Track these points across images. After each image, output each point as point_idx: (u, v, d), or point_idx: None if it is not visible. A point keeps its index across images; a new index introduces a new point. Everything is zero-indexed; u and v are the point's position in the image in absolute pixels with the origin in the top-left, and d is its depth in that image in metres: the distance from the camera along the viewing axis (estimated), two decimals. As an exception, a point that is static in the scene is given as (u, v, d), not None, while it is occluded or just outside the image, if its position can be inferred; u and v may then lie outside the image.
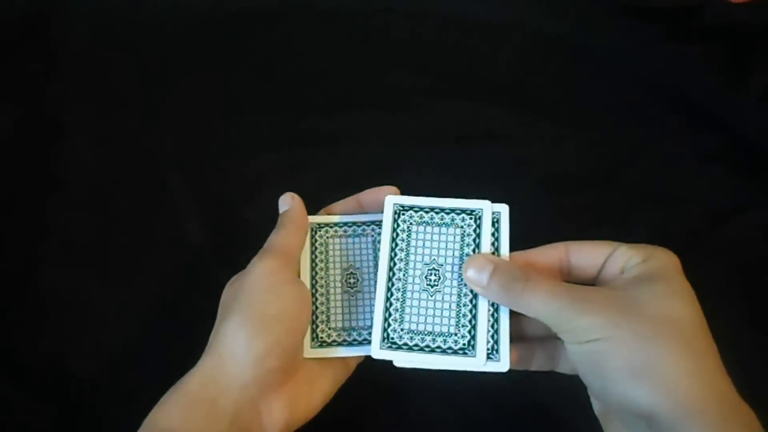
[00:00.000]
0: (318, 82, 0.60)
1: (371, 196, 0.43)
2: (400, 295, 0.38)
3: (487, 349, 0.37)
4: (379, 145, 0.57)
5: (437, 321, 0.38)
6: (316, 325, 0.40)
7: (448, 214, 0.40)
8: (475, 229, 0.39)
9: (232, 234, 0.52)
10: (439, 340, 0.37)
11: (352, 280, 0.42)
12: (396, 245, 0.39)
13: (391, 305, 0.38)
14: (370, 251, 0.43)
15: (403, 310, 0.38)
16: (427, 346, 0.37)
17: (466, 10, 0.63)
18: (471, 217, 0.39)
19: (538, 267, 0.37)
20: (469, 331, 0.37)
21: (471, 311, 0.38)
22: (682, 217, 0.53)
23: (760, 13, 0.60)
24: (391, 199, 0.40)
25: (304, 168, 0.55)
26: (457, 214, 0.40)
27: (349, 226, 0.43)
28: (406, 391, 0.46)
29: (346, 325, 0.40)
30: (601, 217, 0.53)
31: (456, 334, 0.37)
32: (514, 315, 0.37)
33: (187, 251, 0.52)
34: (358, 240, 0.43)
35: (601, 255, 0.36)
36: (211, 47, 0.61)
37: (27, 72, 0.59)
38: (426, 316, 0.38)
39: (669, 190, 0.55)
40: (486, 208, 0.40)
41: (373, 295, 0.41)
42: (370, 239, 0.43)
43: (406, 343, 0.37)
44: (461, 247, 0.39)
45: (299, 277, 0.41)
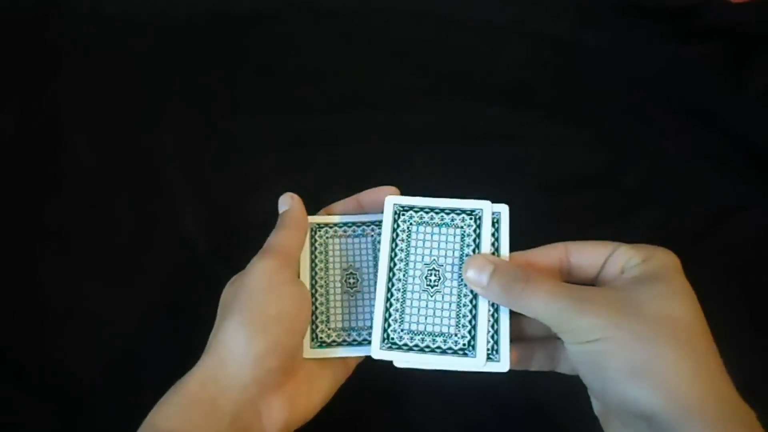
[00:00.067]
0: (318, 82, 0.60)
1: (371, 196, 0.43)
2: (400, 295, 0.38)
3: (487, 349, 0.37)
4: (379, 145, 0.57)
5: (437, 321, 0.38)
6: (316, 326, 0.40)
7: (448, 214, 0.40)
8: (475, 229, 0.39)
9: (232, 234, 0.52)
10: (439, 340, 0.37)
11: (351, 281, 0.42)
12: (396, 245, 0.39)
13: (391, 305, 0.38)
14: (370, 251, 0.42)
15: (403, 311, 0.38)
16: (427, 347, 0.37)
17: (466, 10, 0.63)
18: (471, 218, 0.39)
19: (538, 267, 0.37)
20: (469, 332, 0.37)
21: (471, 311, 0.37)
22: (682, 217, 0.53)
23: (760, 13, 0.60)
24: (391, 199, 0.40)
25: (304, 168, 0.55)
26: (457, 214, 0.40)
27: (349, 227, 0.43)
28: (406, 391, 0.46)
29: (346, 325, 0.40)
30: (601, 217, 0.53)
31: (456, 335, 0.37)
32: (514, 315, 0.37)
33: (187, 251, 0.52)
34: (357, 240, 0.43)
35: (601, 255, 0.36)
36: (211, 47, 0.61)
37: (27, 72, 0.59)
38: (426, 316, 0.38)
39: (669, 190, 0.55)
40: (486, 208, 0.39)
41: (372, 296, 0.41)
42: (370, 239, 0.43)
43: (406, 344, 0.37)
44: (461, 247, 0.39)
45: (299, 277, 0.41)
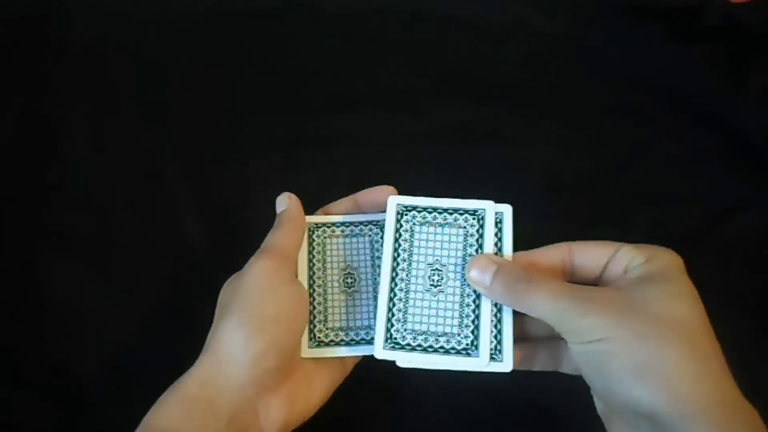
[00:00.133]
0: (318, 82, 0.60)
1: (368, 196, 0.43)
2: (403, 295, 0.38)
3: (490, 349, 0.37)
4: (379, 145, 0.57)
5: (440, 321, 0.37)
6: (314, 325, 0.40)
7: (450, 214, 0.40)
8: (478, 229, 0.39)
9: (232, 234, 0.52)
10: (442, 340, 0.37)
11: (349, 280, 0.42)
12: (399, 245, 0.39)
13: (394, 305, 0.38)
14: (368, 251, 0.42)
15: (406, 311, 0.38)
16: (430, 347, 0.37)
17: (466, 10, 0.63)
18: (474, 218, 0.39)
19: (541, 267, 0.37)
20: (472, 332, 0.37)
21: (474, 311, 0.37)
22: (682, 217, 0.53)
23: (760, 13, 0.60)
24: (394, 199, 0.40)
25: (304, 168, 0.55)
26: (460, 214, 0.39)
27: (347, 226, 0.43)
28: (405, 391, 0.46)
29: (344, 325, 0.40)
30: (601, 217, 0.53)
31: (459, 335, 0.37)
32: (517, 315, 0.37)
33: (187, 251, 0.52)
34: (355, 240, 0.43)
35: (604, 255, 0.36)
36: (211, 47, 0.61)
37: (27, 72, 0.59)
38: (429, 316, 0.38)
39: (669, 190, 0.55)
40: (489, 208, 0.39)
41: (370, 295, 0.41)
42: (368, 239, 0.43)
43: (409, 344, 0.37)
44: (464, 247, 0.39)
45: (297, 277, 0.41)
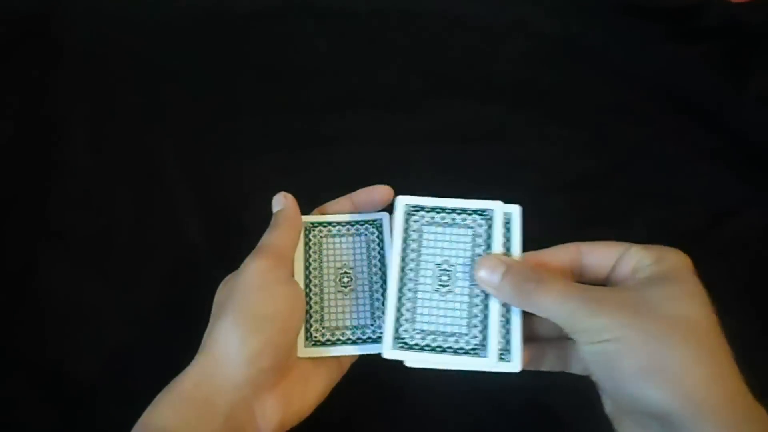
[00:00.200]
0: (318, 82, 0.60)
1: (364, 195, 0.43)
2: (411, 295, 0.38)
3: (499, 349, 0.37)
4: (379, 145, 0.57)
5: (449, 321, 0.37)
6: (310, 325, 0.40)
7: (459, 214, 0.40)
8: (486, 229, 0.39)
9: (232, 234, 0.52)
10: (451, 340, 0.37)
11: (345, 280, 0.42)
12: (407, 245, 0.39)
13: (402, 305, 0.38)
14: (364, 251, 0.43)
15: (415, 310, 0.38)
16: (438, 347, 0.37)
17: (466, 10, 0.63)
18: (482, 218, 0.39)
19: (549, 268, 0.37)
20: (481, 332, 0.37)
21: (482, 311, 0.37)
22: (682, 217, 0.53)
23: (760, 13, 0.60)
24: (402, 199, 0.40)
25: (304, 168, 0.55)
26: (468, 214, 0.39)
27: (343, 226, 0.43)
28: (405, 391, 0.46)
29: (340, 324, 0.40)
30: (601, 217, 0.53)
31: (467, 335, 0.37)
32: (525, 315, 0.37)
33: (186, 251, 0.52)
34: (351, 239, 0.43)
35: (612, 256, 0.36)
36: (211, 47, 0.61)
37: (27, 72, 0.59)
38: (438, 316, 0.38)
39: (669, 190, 0.55)
40: (497, 208, 0.39)
41: (366, 294, 0.41)
42: (364, 239, 0.43)
43: (417, 343, 0.37)
44: (472, 247, 0.39)
45: (293, 276, 0.41)
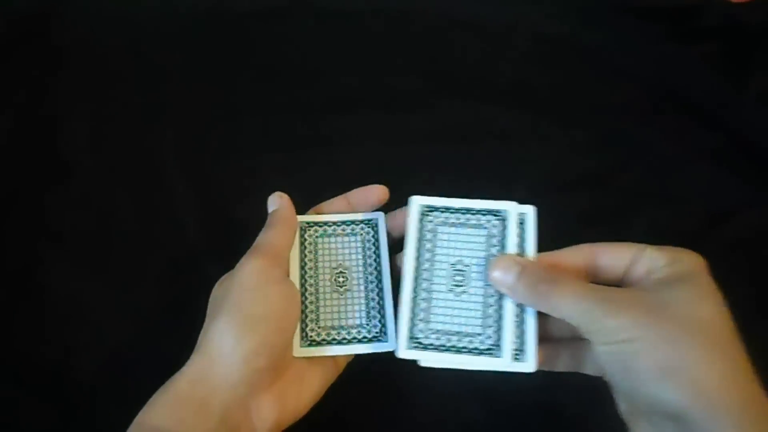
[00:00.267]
0: (318, 82, 0.60)
1: (360, 195, 0.43)
2: (426, 295, 0.38)
3: (514, 349, 0.37)
4: (379, 145, 0.57)
5: (463, 321, 0.38)
6: (306, 324, 0.40)
7: (473, 215, 0.40)
8: (501, 230, 0.39)
9: (232, 234, 0.51)
10: (465, 340, 0.37)
11: (341, 279, 0.42)
12: (422, 245, 0.39)
13: (417, 305, 0.38)
14: (359, 250, 0.43)
15: (429, 310, 0.38)
16: (453, 346, 0.37)
17: (467, 10, 0.63)
18: (497, 218, 0.39)
19: (564, 268, 0.37)
20: (495, 332, 0.37)
21: (497, 312, 0.38)
22: (682, 217, 0.53)
23: (760, 13, 0.60)
24: (417, 199, 0.40)
25: (304, 168, 0.55)
26: (482, 215, 0.40)
27: (338, 225, 0.43)
28: (403, 390, 0.46)
29: (336, 323, 0.41)
30: (601, 217, 0.53)
31: (482, 335, 0.37)
32: (539, 316, 0.37)
33: (186, 251, 0.52)
34: (347, 239, 0.43)
35: (627, 257, 0.36)
36: (210, 47, 0.62)
37: (27, 72, 0.59)
38: (452, 316, 0.38)
39: (669, 190, 0.55)
40: (511, 209, 0.40)
41: (362, 294, 0.41)
42: (359, 238, 0.43)
43: (432, 343, 0.37)
44: (487, 248, 0.39)
45: (289, 276, 0.41)
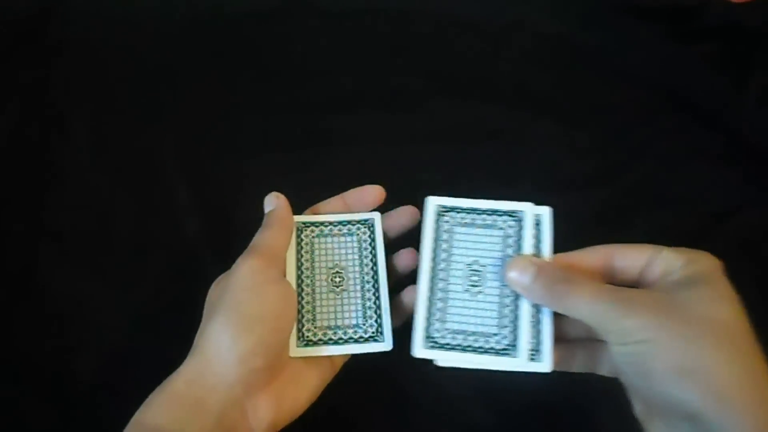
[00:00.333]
0: (318, 82, 0.60)
1: (356, 195, 0.44)
2: (442, 295, 0.39)
3: (530, 349, 0.37)
4: (379, 145, 0.57)
5: (479, 321, 0.38)
6: (302, 324, 0.40)
7: (489, 215, 0.40)
8: (517, 230, 0.39)
9: (232, 234, 0.51)
10: (482, 340, 0.37)
11: (337, 279, 0.42)
12: (438, 246, 0.40)
13: (433, 305, 0.38)
14: (356, 250, 0.43)
15: (446, 310, 0.38)
16: (469, 346, 0.37)
17: (467, 10, 0.63)
18: (513, 219, 0.39)
19: (580, 269, 0.37)
20: (511, 332, 0.37)
21: (513, 312, 0.38)
22: (682, 217, 0.53)
23: (760, 13, 0.60)
24: (433, 200, 0.41)
25: (304, 168, 0.55)
26: (498, 215, 0.40)
27: (335, 226, 0.43)
28: (398, 391, 0.46)
29: (332, 323, 0.41)
30: (601, 217, 0.53)
31: (498, 335, 0.37)
32: (555, 316, 0.37)
33: (186, 251, 0.52)
34: (344, 239, 0.43)
35: (643, 258, 0.36)
36: (210, 47, 0.62)
37: (27, 72, 0.59)
38: (468, 316, 0.38)
39: (669, 190, 0.55)
40: (528, 210, 0.40)
41: (358, 294, 0.41)
42: (356, 238, 0.43)
43: (448, 343, 0.37)
44: (503, 248, 0.39)
45: (285, 276, 0.41)
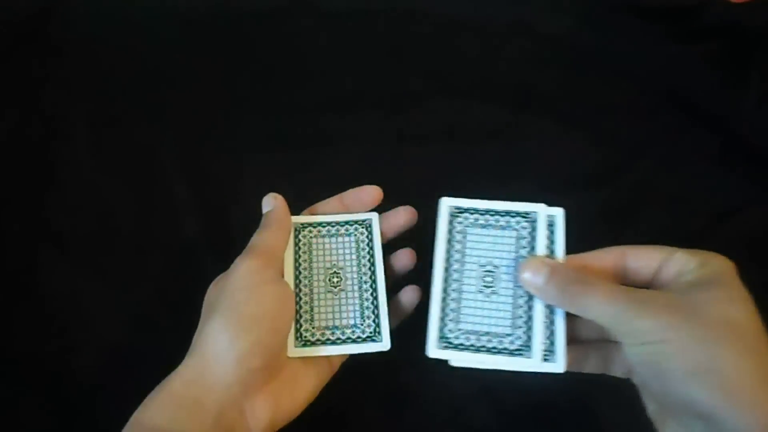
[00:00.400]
0: (318, 82, 0.60)
1: (354, 196, 0.44)
2: (456, 295, 0.39)
3: (543, 350, 0.37)
4: (379, 145, 0.57)
5: (493, 322, 0.38)
6: (300, 324, 0.40)
7: (503, 216, 0.40)
8: (530, 231, 0.39)
9: (232, 234, 0.52)
10: (495, 340, 0.37)
11: (335, 280, 0.42)
12: (452, 246, 0.40)
13: (447, 305, 0.38)
14: (354, 251, 0.43)
15: (459, 311, 0.38)
16: (483, 347, 0.37)
17: (467, 10, 0.63)
18: (526, 220, 0.40)
19: (593, 270, 0.37)
20: (525, 332, 0.37)
21: (526, 312, 0.38)
22: (682, 217, 0.53)
23: (760, 13, 0.60)
24: (447, 201, 0.41)
25: (304, 168, 0.55)
26: (512, 216, 0.40)
27: (333, 226, 0.43)
28: (397, 391, 0.46)
29: (330, 324, 0.41)
30: (602, 217, 0.53)
31: (512, 335, 0.37)
32: (567, 317, 0.38)
33: (186, 251, 0.52)
34: (341, 239, 0.43)
35: (656, 259, 0.36)
36: (210, 47, 0.62)
37: (27, 72, 0.59)
38: (482, 316, 0.38)
39: (669, 190, 0.55)
40: (541, 211, 0.40)
41: (356, 294, 0.41)
42: (354, 239, 0.43)
43: (462, 343, 0.38)
44: (516, 249, 0.39)
45: (283, 276, 0.41)
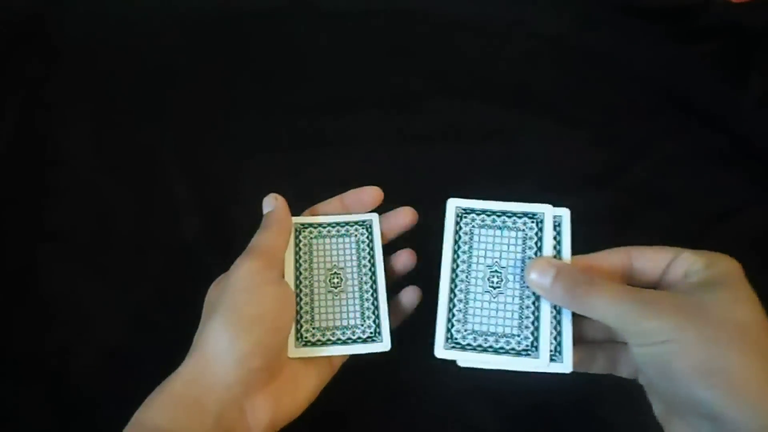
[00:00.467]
0: (318, 82, 0.60)
1: (354, 196, 0.44)
2: (463, 296, 0.39)
3: (550, 350, 0.37)
4: (379, 145, 0.57)
5: (500, 322, 0.38)
6: (301, 325, 0.40)
7: (509, 217, 0.40)
8: (536, 232, 0.39)
9: (231, 234, 0.52)
10: (503, 341, 0.38)
11: (336, 280, 0.42)
12: (458, 247, 0.40)
13: (454, 306, 0.39)
14: (354, 251, 0.43)
15: (467, 311, 0.38)
16: (490, 347, 0.38)
17: (467, 10, 0.63)
18: (532, 221, 0.40)
19: (599, 270, 0.37)
20: (532, 333, 0.38)
21: (533, 313, 0.38)
22: (682, 217, 0.53)
23: (760, 13, 0.60)
24: (453, 202, 0.41)
25: (304, 168, 0.55)
26: (518, 217, 0.40)
27: (333, 227, 0.43)
28: (396, 391, 0.46)
29: (331, 324, 0.41)
30: (602, 217, 0.53)
31: (519, 336, 0.38)
32: (573, 318, 0.38)
33: (186, 251, 0.52)
34: (342, 240, 0.43)
35: (663, 260, 0.36)
36: (210, 47, 0.62)
37: (26, 72, 0.59)
38: (489, 317, 0.38)
39: (670, 190, 0.55)
40: (547, 212, 0.40)
41: (356, 295, 0.41)
42: (354, 239, 0.43)
43: (469, 344, 0.38)
44: (523, 250, 0.39)
45: (284, 277, 0.41)
